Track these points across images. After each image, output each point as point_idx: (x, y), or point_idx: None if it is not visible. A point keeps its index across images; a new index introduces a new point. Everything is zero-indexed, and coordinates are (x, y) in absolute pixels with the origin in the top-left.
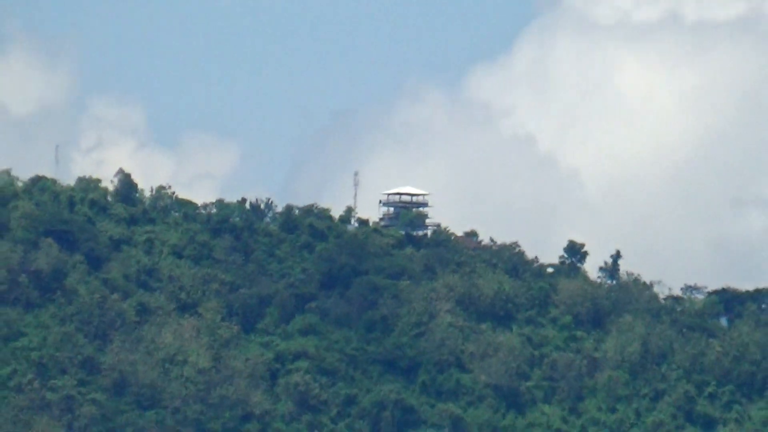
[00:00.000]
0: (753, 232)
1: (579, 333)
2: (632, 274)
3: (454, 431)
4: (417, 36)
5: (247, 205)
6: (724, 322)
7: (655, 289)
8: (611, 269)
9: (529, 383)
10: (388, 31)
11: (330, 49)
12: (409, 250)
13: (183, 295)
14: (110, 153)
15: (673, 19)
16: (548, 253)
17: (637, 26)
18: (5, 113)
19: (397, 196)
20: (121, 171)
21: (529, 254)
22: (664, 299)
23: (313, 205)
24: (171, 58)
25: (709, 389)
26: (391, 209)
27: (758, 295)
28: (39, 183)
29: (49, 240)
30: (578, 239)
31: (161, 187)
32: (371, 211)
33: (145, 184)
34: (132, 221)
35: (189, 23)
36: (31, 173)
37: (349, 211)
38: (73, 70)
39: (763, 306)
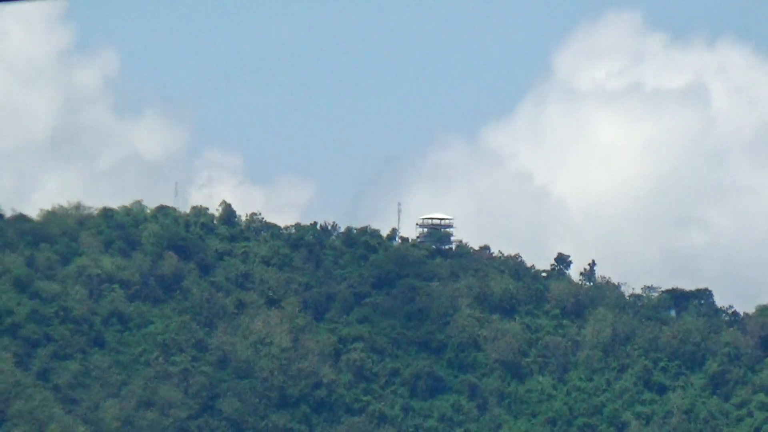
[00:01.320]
0: (694, 245)
1: (565, 322)
2: (605, 277)
3: (472, 395)
4: (446, 101)
5: (318, 227)
6: (673, 313)
7: (622, 288)
8: (589, 274)
9: (527, 359)
10: (424, 98)
11: (383, 110)
12: (438, 260)
13: (270, 293)
14: (217, 188)
15: (636, 87)
16: (542, 261)
17: (609, 93)
18: (139, 158)
19: (430, 220)
20: (224, 202)
21: (528, 263)
22: (629, 296)
23: (367, 227)
24: (263, 116)
25: (662, 364)
26: (425, 230)
27: (699, 293)
28: (163, 210)
29: (171, 253)
30: (564, 251)
31: (254, 214)
32: (410, 231)
33: (242, 212)
34: (232, 239)
35: (274, 91)
36: (157, 203)
37: (394, 231)
38: (191, 126)
39: (702, 301)
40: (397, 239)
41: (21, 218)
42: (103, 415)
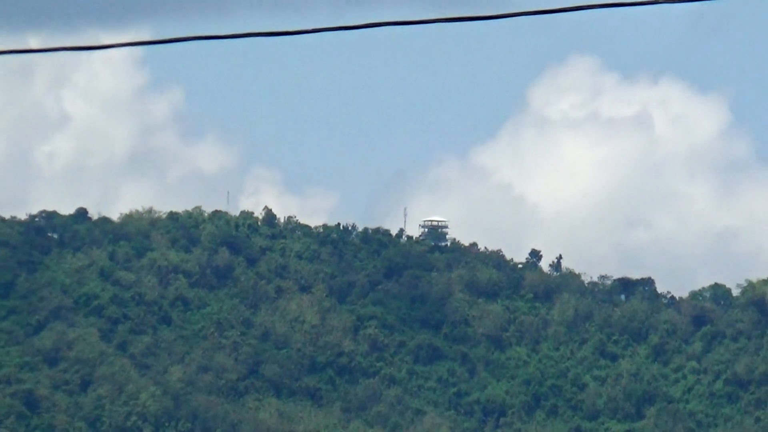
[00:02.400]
0: (640, 241)
1: (537, 304)
2: (569, 268)
3: (463, 362)
4: (443, 127)
5: (341, 227)
6: (623, 297)
7: (582, 277)
8: (556, 265)
9: (507, 333)
10: (425, 124)
11: (393, 133)
12: (436, 254)
13: (302, 282)
14: (261, 197)
15: (594, 116)
16: (519, 255)
17: (572, 120)
18: (200, 172)
19: (429, 222)
20: (266, 207)
21: (507, 257)
22: (587, 284)
23: (379, 228)
24: (298, 140)
25: (614, 337)
26: (426, 230)
27: (643, 281)
28: (217, 215)
29: (224, 248)
30: (537, 247)
31: (290, 217)
32: (414, 231)
33: (281, 215)
34: (272, 237)
35: (307, 119)
36: (213, 209)
37: (401, 231)
38: (241, 147)
39: (646, 288)
40: (403, 237)
41: (104, 220)
42: (169, 378)
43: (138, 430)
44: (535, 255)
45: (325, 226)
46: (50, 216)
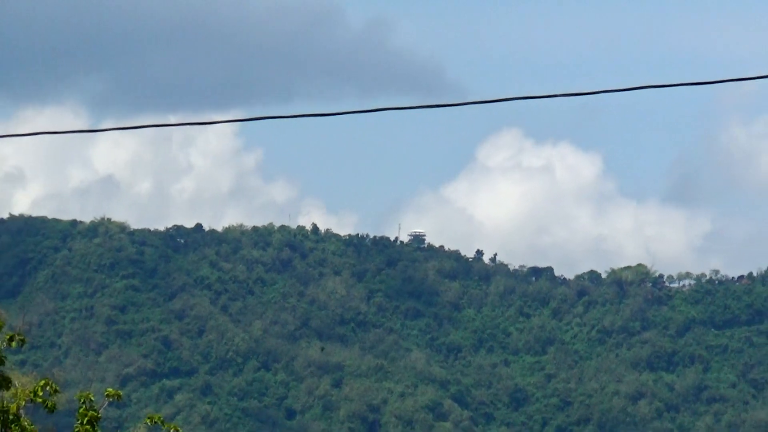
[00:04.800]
0: (547, 245)
1: (481, 283)
2: (501, 261)
3: (435, 319)
4: (421, 170)
5: (358, 236)
6: (534, 279)
7: (509, 267)
8: (493, 259)
9: (462, 301)
10: (410, 168)
11: (389, 174)
12: (418, 253)
13: (335, 269)
14: (310, 216)
15: (518, 165)
16: (470, 253)
17: (505, 168)
18: (273, 202)
19: (415, 233)
20: (313, 223)
21: (463, 254)
22: (512, 270)
23: (383, 236)
24: (333, 179)
25: (528, 304)
26: (412, 237)
27: (546, 269)
28: (283, 227)
29: (286, 248)
30: (481, 248)
31: (328, 229)
32: (405, 238)
33: (323, 228)
34: (317, 241)
35: (339, 165)
36: (280, 224)
37: (396, 238)
38: (299, 184)
39: (548, 273)
40: (398, 242)
41: (213, 231)
42: (252, 328)
43: (233, 361)
44: (480, 253)
45: (349, 235)
46: (179, 228)
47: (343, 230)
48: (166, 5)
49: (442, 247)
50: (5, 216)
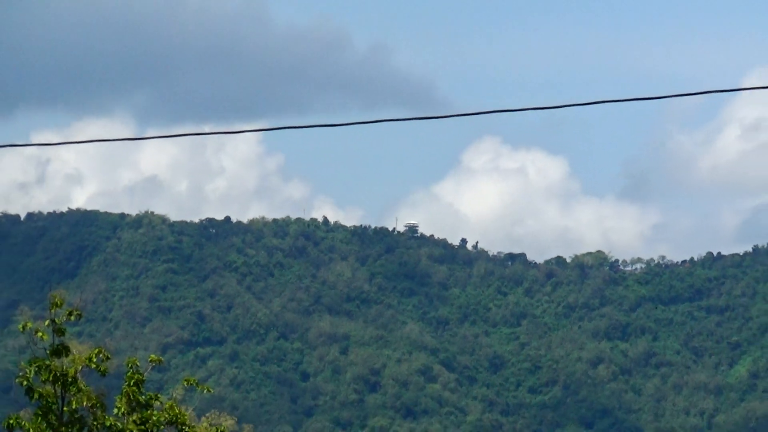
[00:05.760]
0: (521, 234)
1: (465, 267)
2: (482, 248)
3: (426, 296)
4: (416, 172)
5: (362, 226)
6: (510, 263)
7: (489, 253)
8: (475, 246)
9: (449, 282)
10: (406, 171)
11: (388, 175)
12: (412, 241)
13: (342, 254)
14: (322, 210)
15: (497, 167)
16: (455, 241)
17: (485, 170)
18: (291, 198)
19: (409, 224)
20: (324, 216)
21: (449, 242)
22: (491, 256)
23: (384, 227)
24: (342, 178)
25: (505, 284)
26: (407, 228)
27: (520, 255)
28: (298, 219)
29: (301, 237)
30: (465, 237)
31: (337, 221)
32: (401, 228)
33: (332, 220)
34: (327, 231)
35: (347, 167)
36: (296, 216)
37: (394, 228)
38: (312, 183)
39: (522, 258)
40: (395, 232)
41: (239, 222)
42: (273, 304)
43: (256, 332)
44: (464, 241)
45: (354, 226)
46: (211, 220)
47: (349, 222)
48: (200, 32)
49: (432, 236)
50: (65, 210)
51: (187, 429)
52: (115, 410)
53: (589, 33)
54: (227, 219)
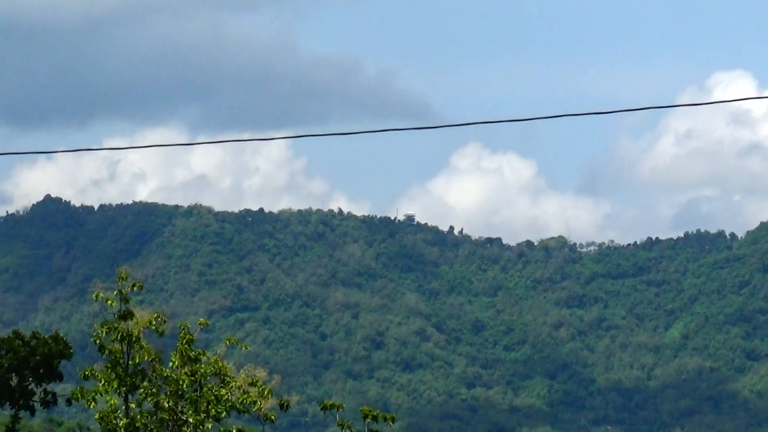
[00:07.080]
0: (498, 222)
1: (453, 249)
2: (467, 234)
3: (422, 273)
4: (416, 174)
5: (370, 216)
6: (489, 246)
7: (473, 238)
8: (461, 232)
9: (440, 260)
10: (406, 173)
11: (393, 174)
12: (410, 228)
13: (353, 238)
14: (337, 202)
15: (480, 167)
16: (445, 228)
17: (470, 170)
18: (312, 193)
19: (408, 214)
20: (339, 207)
21: (440, 229)
22: (474, 240)
23: (387, 216)
24: (353, 177)
25: (485, 263)
26: (406, 217)
27: (497, 239)
28: (318, 210)
29: (321, 224)
30: (453, 224)
31: (349, 212)
32: (401, 218)
33: (346, 211)
34: (341, 220)
35: (357, 168)
36: (316, 208)
37: (395, 218)
38: (329, 181)
39: (498, 242)
40: (397, 221)
41: (271, 213)
42: (296, 278)
43: (284, 301)
44: (452, 228)
45: (364, 216)
46: (248, 211)
47: (360, 212)
48: (240, 59)
49: (426, 224)
50: (131, 202)
51: (228, 379)
52: (171, 364)
53: (556, 59)
54: (261, 210)
